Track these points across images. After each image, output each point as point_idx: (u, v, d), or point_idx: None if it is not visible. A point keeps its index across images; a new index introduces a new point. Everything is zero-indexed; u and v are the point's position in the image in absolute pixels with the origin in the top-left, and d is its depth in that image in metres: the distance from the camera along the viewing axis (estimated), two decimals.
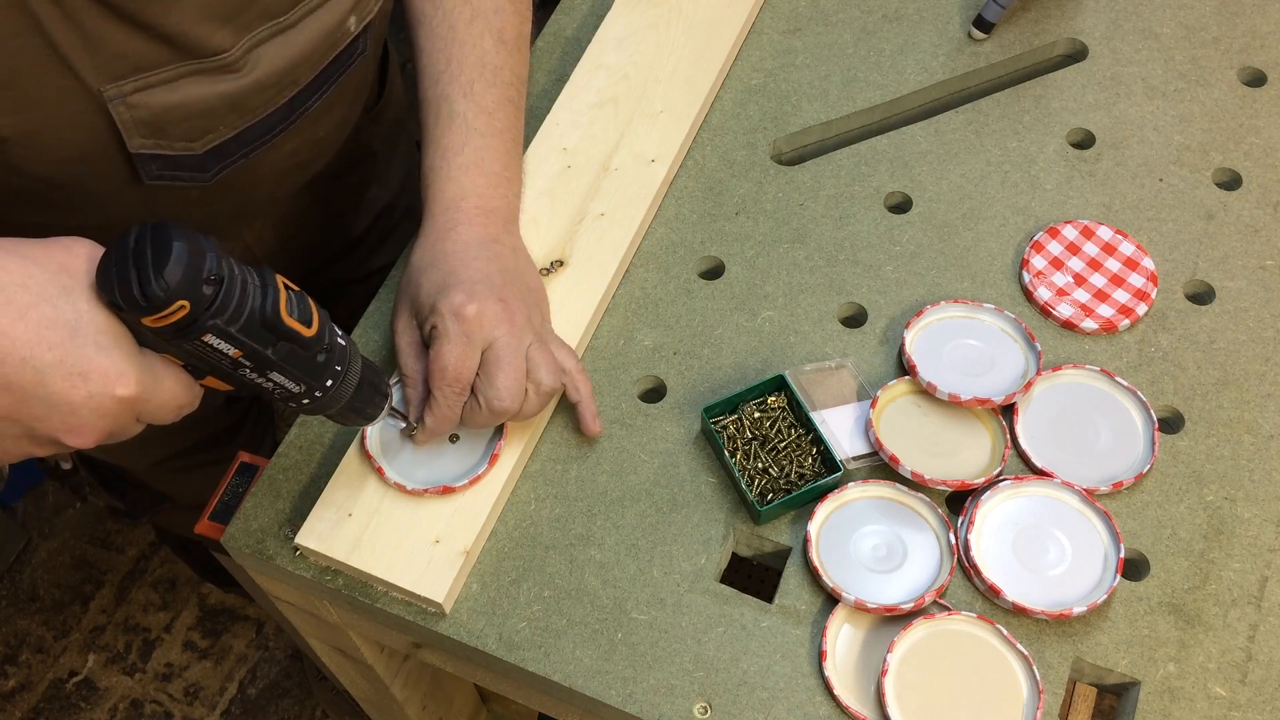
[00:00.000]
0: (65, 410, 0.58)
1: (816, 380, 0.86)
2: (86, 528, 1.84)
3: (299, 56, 0.79)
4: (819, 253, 0.94)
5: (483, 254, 0.81)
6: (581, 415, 0.84)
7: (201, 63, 0.73)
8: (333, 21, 0.80)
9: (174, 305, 0.56)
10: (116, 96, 0.71)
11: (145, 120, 0.73)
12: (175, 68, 0.72)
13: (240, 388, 0.64)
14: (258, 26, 0.75)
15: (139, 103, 0.72)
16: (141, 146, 0.75)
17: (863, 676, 0.75)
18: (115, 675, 1.71)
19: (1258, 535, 0.80)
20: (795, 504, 0.80)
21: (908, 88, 1.04)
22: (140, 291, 0.55)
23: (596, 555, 0.80)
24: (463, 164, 0.84)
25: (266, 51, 0.77)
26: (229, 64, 0.74)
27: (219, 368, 0.61)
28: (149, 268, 0.55)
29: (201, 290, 0.57)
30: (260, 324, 0.60)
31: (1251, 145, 0.99)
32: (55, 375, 0.57)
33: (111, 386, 0.58)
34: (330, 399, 0.67)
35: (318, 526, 0.79)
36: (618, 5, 1.05)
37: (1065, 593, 0.77)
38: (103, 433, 0.60)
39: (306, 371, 0.64)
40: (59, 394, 0.57)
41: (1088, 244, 0.93)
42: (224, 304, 0.58)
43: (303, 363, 0.64)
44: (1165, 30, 1.06)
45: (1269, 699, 0.74)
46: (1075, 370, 0.86)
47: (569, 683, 0.75)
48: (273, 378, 0.63)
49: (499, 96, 0.87)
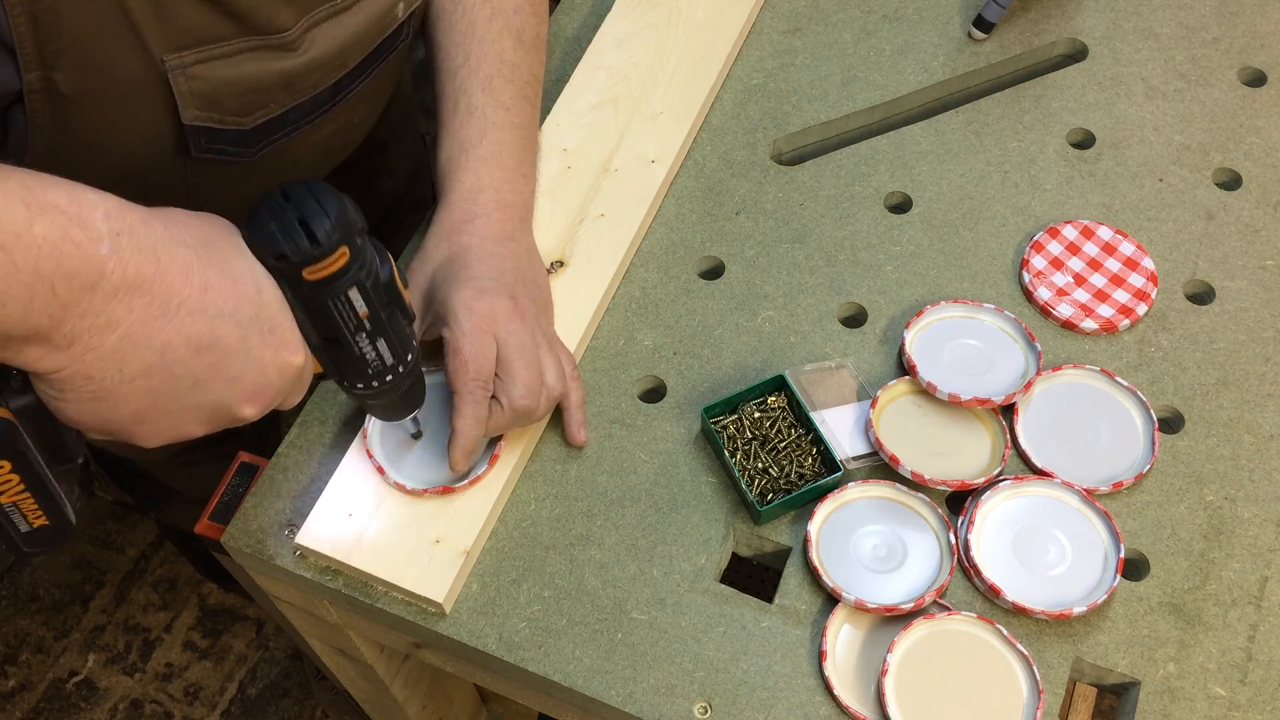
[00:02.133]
0: (258, 370, 0.58)
1: (816, 380, 0.86)
2: (86, 528, 1.84)
3: (351, 38, 0.80)
4: (819, 253, 0.94)
5: (499, 251, 0.82)
6: (568, 422, 0.83)
7: (263, 39, 0.74)
8: (384, 6, 0.81)
9: (338, 251, 0.57)
10: (178, 67, 0.71)
11: (203, 92, 0.74)
12: (237, 42, 0.73)
13: (334, 367, 0.65)
14: (317, 7, 0.76)
15: (199, 75, 0.73)
16: (195, 118, 0.75)
17: (863, 676, 0.75)
18: (115, 675, 1.71)
19: (1258, 535, 0.80)
20: (795, 504, 0.80)
21: (908, 88, 1.04)
22: (309, 237, 0.56)
23: (596, 555, 0.80)
24: (481, 156, 0.84)
25: (322, 32, 0.77)
26: (288, 42, 0.75)
27: (339, 334, 0.62)
28: (317, 215, 0.56)
29: (356, 240, 0.58)
30: (383, 284, 0.61)
31: (1251, 145, 0.99)
32: (254, 331, 0.57)
33: (292, 349, 0.59)
34: (406, 375, 0.68)
35: (318, 526, 0.79)
36: (618, 6, 1.05)
37: (1065, 593, 0.77)
38: (275, 400, 0.61)
39: (401, 341, 0.66)
40: (256, 351, 0.57)
41: (1088, 244, 0.93)
42: (367, 258, 0.59)
43: (400, 331, 0.65)
44: (1165, 30, 1.06)
45: (1269, 699, 0.74)
46: (1075, 370, 0.86)
47: (569, 683, 0.75)
48: (379, 346, 0.64)
49: (516, 94, 0.87)
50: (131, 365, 0.54)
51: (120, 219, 0.53)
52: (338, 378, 0.67)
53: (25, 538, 0.59)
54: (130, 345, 0.54)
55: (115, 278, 0.52)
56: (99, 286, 0.52)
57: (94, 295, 0.52)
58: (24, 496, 0.57)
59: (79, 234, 0.51)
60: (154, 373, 0.55)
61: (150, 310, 0.54)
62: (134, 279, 0.53)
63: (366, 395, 0.68)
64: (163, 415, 0.58)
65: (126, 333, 0.53)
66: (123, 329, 0.53)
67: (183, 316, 0.55)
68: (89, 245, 0.51)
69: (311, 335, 0.62)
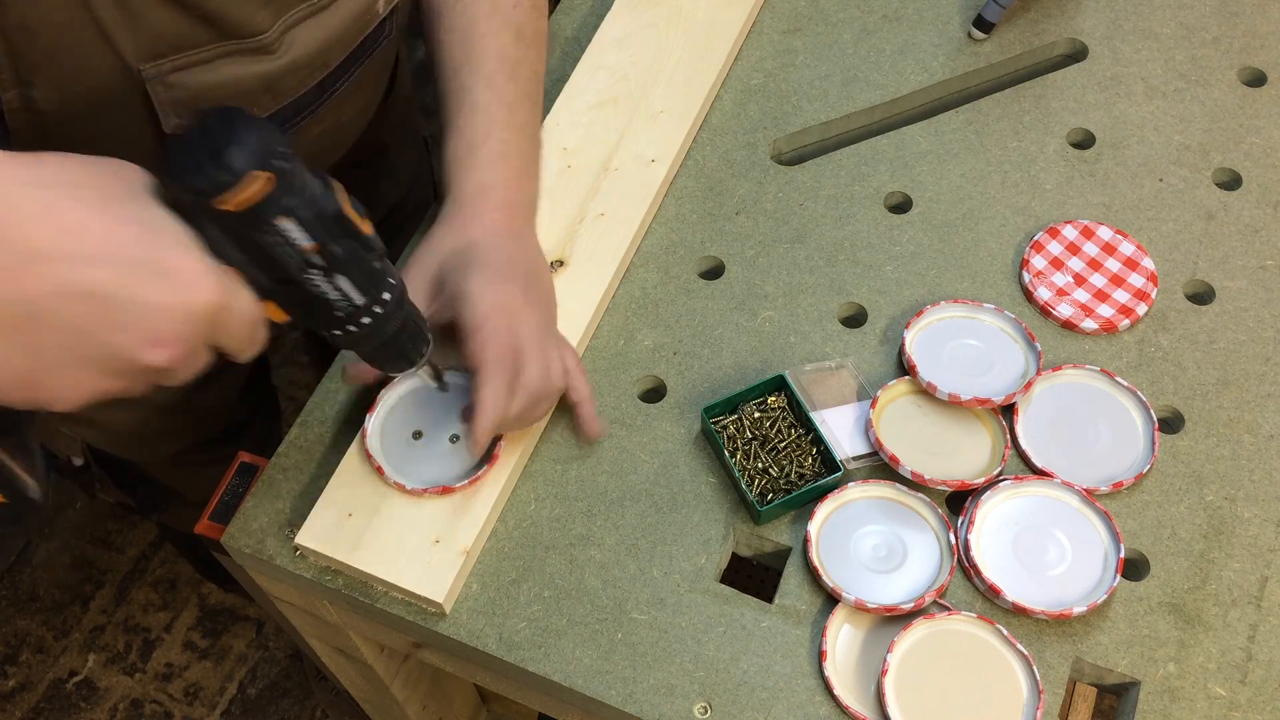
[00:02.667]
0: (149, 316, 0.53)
1: (816, 380, 0.86)
2: (86, 528, 1.84)
3: (331, 37, 0.79)
4: (819, 253, 0.94)
5: (508, 246, 0.81)
6: (581, 416, 0.83)
7: (240, 43, 0.73)
8: (364, 3, 0.80)
9: (251, 177, 0.53)
10: (155, 76, 0.71)
11: (182, 100, 0.73)
12: (214, 48, 0.73)
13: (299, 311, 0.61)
14: (294, 7, 0.75)
15: (177, 82, 0.72)
16: (177, 128, 0.75)
17: (863, 676, 0.75)
18: (115, 675, 1.71)
19: (1258, 535, 0.80)
20: (795, 504, 0.80)
21: (908, 88, 1.04)
22: (217, 164, 0.52)
23: (596, 555, 0.80)
24: (488, 155, 0.84)
25: (301, 32, 0.77)
26: (266, 45, 0.75)
27: (286, 274, 0.58)
28: (225, 141, 0.52)
29: (276, 164, 0.54)
30: (329, 215, 0.57)
31: (1251, 145, 0.99)
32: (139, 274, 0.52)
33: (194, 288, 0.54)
34: (386, 318, 0.64)
35: (318, 526, 0.79)
36: (617, 5, 1.05)
37: (1065, 593, 0.77)
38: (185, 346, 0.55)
39: (368, 277, 0.61)
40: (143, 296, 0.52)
41: (1088, 244, 0.93)
42: (298, 185, 0.55)
43: (364, 266, 0.61)
44: (1165, 30, 1.06)
45: (1269, 699, 0.74)
46: (1075, 370, 0.86)
47: (569, 683, 0.75)
48: (339, 283, 0.60)
49: (519, 91, 0.86)
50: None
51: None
52: (309, 324, 0.63)
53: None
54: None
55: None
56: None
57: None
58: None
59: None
60: (23, 329, 0.50)
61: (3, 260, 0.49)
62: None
63: (349, 341, 0.65)
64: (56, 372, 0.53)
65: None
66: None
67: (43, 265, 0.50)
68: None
69: (260, 278, 0.58)
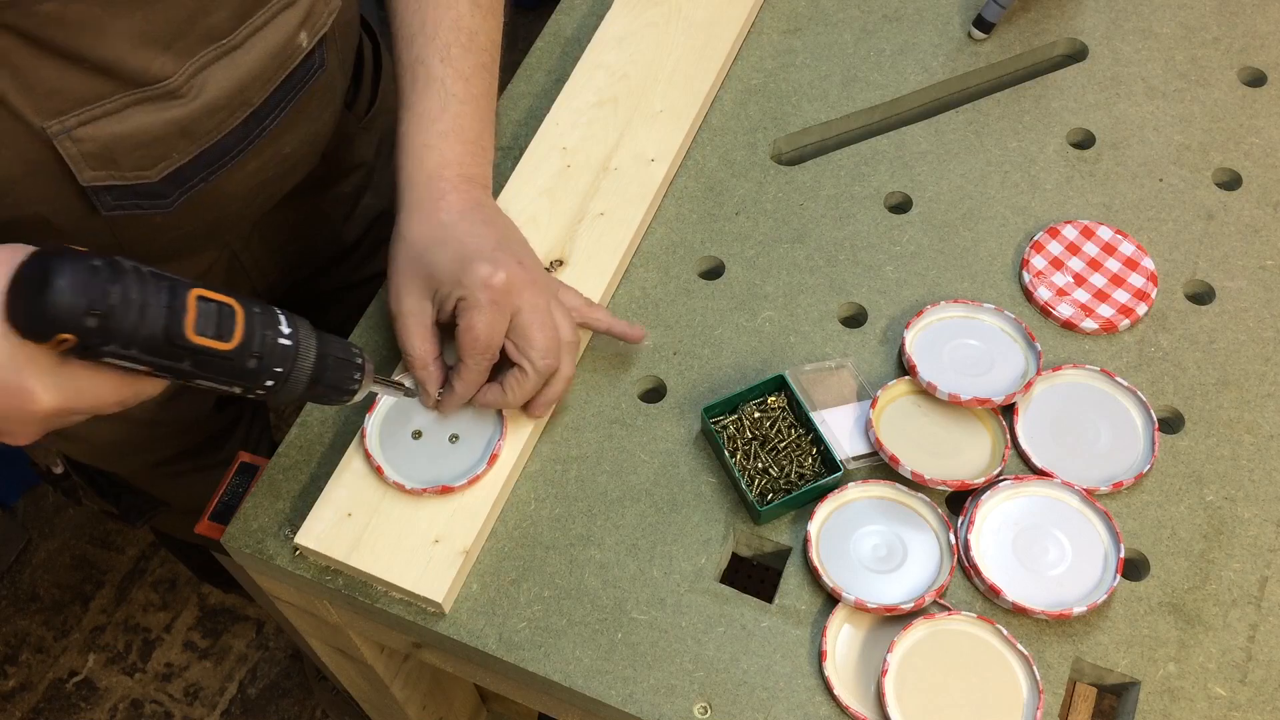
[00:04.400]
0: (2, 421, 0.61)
1: (816, 380, 0.86)
2: (86, 528, 1.84)
3: (247, 77, 0.77)
4: (819, 253, 0.94)
5: (480, 219, 0.81)
6: (618, 333, 0.85)
7: (145, 91, 0.72)
8: (281, 39, 0.78)
9: (56, 338, 0.58)
10: (61, 132, 0.70)
11: (94, 153, 0.72)
12: (119, 98, 0.71)
13: None
14: (200, 50, 0.73)
15: (85, 136, 0.71)
16: (94, 179, 0.73)
17: (863, 676, 0.75)
18: (115, 675, 1.71)
19: (1258, 535, 0.80)
20: (795, 504, 0.80)
21: (908, 88, 1.04)
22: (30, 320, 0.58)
23: (596, 555, 0.80)
24: (442, 131, 0.83)
25: (213, 75, 0.75)
26: (174, 90, 0.73)
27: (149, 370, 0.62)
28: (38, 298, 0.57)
29: (84, 323, 0.58)
30: (165, 343, 0.60)
31: (1251, 145, 0.99)
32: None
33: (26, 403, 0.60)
34: (281, 389, 0.67)
35: (317, 526, 0.79)
36: (617, 5, 1.05)
37: (1065, 593, 0.77)
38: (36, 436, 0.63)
39: (237, 376, 0.65)
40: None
41: (1088, 244, 0.93)
42: (115, 332, 0.59)
43: (229, 369, 0.64)
44: (1165, 30, 1.06)
45: (1269, 699, 0.74)
46: (1075, 370, 0.86)
47: (569, 683, 0.75)
48: (199, 384, 0.64)
49: (475, 63, 0.85)
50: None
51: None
52: None
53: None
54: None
55: None
56: None
57: None
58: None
59: None
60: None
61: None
62: None
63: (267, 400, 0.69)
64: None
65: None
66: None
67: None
68: None
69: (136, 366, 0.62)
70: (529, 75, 1.06)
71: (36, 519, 1.85)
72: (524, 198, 0.93)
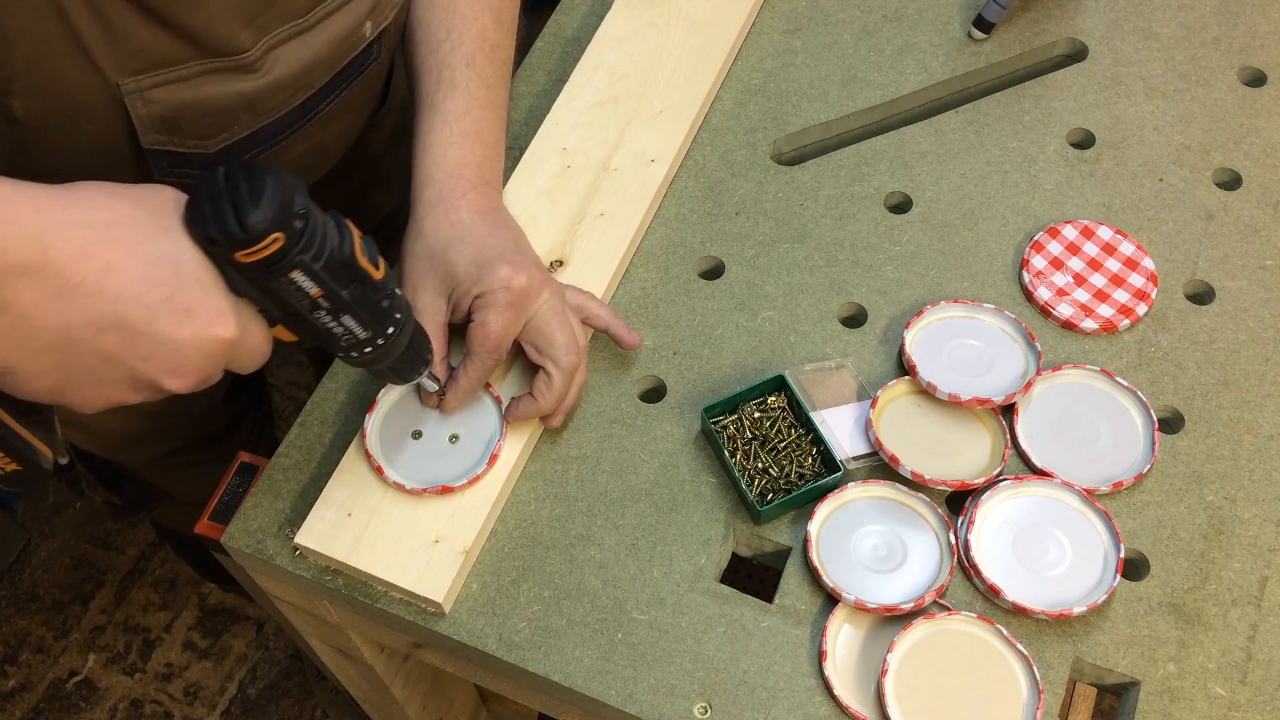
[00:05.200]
0: (171, 349, 0.58)
1: (816, 380, 0.86)
2: (86, 528, 1.84)
3: (315, 59, 0.79)
4: (819, 253, 0.94)
5: (499, 223, 0.82)
6: (616, 334, 0.85)
7: (221, 61, 0.74)
8: (350, 25, 0.81)
9: (269, 238, 0.57)
10: (134, 91, 0.71)
11: (161, 116, 0.74)
12: (195, 65, 0.73)
13: (307, 336, 0.65)
14: (277, 27, 0.76)
15: (156, 99, 0.72)
16: (155, 143, 0.75)
17: (863, 676, 0.75)
18: (115, 675, 1.71)
19: (1258, 535, 0.80)
20: (795, 504, 0.80)
21: (908, 88, 1.04)
22: (238, 224, 0.56)
23: (596, 555, 0.80)
24: (465, 131, 0.84)
25: (285, 53, 0.77)
26: (248, 64, 0.75)
27: (296, 310, 0.62)
28: (245, 201, 0.56)
29: (293, 224, 0.58)
30: (339, 264, 0.61)
31: (1251, 145, 0.99)
32: (164, 312, 0.57)
33: (214, 326, 0.58)
34: (389, 348, 0.68)
35: (317, 526, 0.79)
36: (617, 5, 1.05)
37: (1065, 593, 0.77)
38: (202, 375, 0.61)
39: (373, 316, 0.65)
40: (166, 332, 0.57)
41: (1088, 244, 0.93)
42: (310, 240, 0.59)
43: (371, 306, 0.65)
44: (1165, 30, 1.06)
45: (1269, 699, 0.74)
46: (1075, 370, 0.86)
47: (569, 683, 0.75)
48: (344, 321, 0.64)
49: (496, 73, 0.87)
50: (31, 344, 0.55)
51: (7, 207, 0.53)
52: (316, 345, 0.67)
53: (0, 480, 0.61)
54: (25, 325, 0.54)
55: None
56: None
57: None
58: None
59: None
60: (58, 350, 0.56)
61: (41, 293, 0.54)
62: (18, 265, 0.53)
63: (353, 363, 0.69)
64: (83, 387, 0.58)
65: (18, 314, 0.54)
66: (14, 311, 0.54)
67: (80, 298, 0.55)
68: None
69: (271, 309, 0.62)
70: (529, 75, 1.06)
71: (36, 519, 1.85)
72: (524, 198, 0.93)
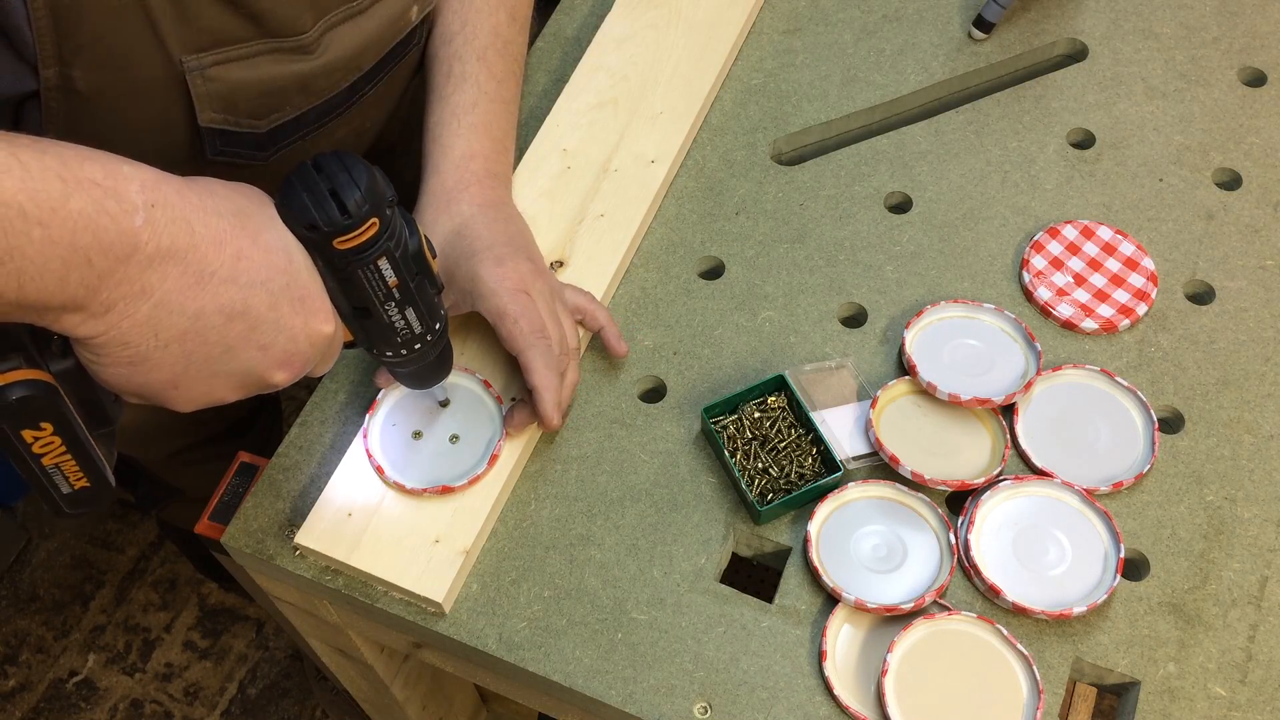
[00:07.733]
0: (288, 337, 0.59)
1: (816, 380, 0.86)
2: (87, 528, 1.84)
3: (366, 41, 0.81)
4: (819, 253, 0.94)
5: (499, 217, 0.83)
6: (606, 340, 0.86)
7: (281, 41, 0.75)
8: (399, 9, 0.82)
9: (367, 223, 0.59)
10: (195, 68, 0.72)
11: (220, 94, 0.74)
12: (255, 44, 0.74)
13: (364, 335, 0.67)
14: (335, 9, 0.77)
15: (216, 76, 0.73)
16: (211, 120, 0.76)
17: (863, 676, 0.75)
18: (115, 675, 1.71)
19: (1258, 535, 0.80)
20: (795, 504, 0.80)
21: (908, 88, 1.04)
22: (340, 208, 0.58)
23: (596, 555, 0.80)
24: (473, 123, 0.85)
25: (339, 34, 0.79)
26: (306, 45, 0.76)
27: (368, 304, 0.63)
28: (347, 186, 0.58)
29: (385, 211, 0.59)
30: (411, 254, 0.63)
31: (1251, 145, 0.99)
32: (285, 300, 0.58)
33: (321, 317, 0.60)
34: (434, 344, 0.70)
35: (318, 526, 0.79)
36: (618, 6, 1.05)
37: (1065, 593, 0.77)
38: (307, 366, 0.62)
39: (429, 309, 0.67)
40: (285, 320, 0.59)
41: (1088, 244, 0.93)
42: (394, 228, 0.61)
43: (428, 299, 0.67)
44: (1165, 30, 1.06)
45: (1269, 699, 0.74)
46: (1075, 370, 0.86)
47: (569, 683, 0.75)
48: (408, 314, 0.66)
49: (507, 69, 0.88)
50: (166, 331, 0.56)
51: (155, 190, 0.54)
52: (367, 346, 0.68)
53: (67, 499, 0.60)
54: (164, 312, 0.55)
55: (149, 248, 0.53)
56: (133, 257, 0.53)
57: (129, 265, 0.53)
58: (65, 459, 0.58)
59: (114, 207, 0.52)
60: (187, 338, 0.57)
61: (184, 279, 0.55)
62: (168, 249, 0.54)
63: (395, 363, 0.70)
64: (196, 380, 0.59)
65: (160, 300, 0.55)
66: (157, 297, 0.55)
67: (215, 285, 0.56)
68: (124, 218, 0.52)
69: (342, 304, 0.64)
70: (529, 76, 1.06)
71: (36, 519, 1.85)
72: (524, 199, 0.93)
